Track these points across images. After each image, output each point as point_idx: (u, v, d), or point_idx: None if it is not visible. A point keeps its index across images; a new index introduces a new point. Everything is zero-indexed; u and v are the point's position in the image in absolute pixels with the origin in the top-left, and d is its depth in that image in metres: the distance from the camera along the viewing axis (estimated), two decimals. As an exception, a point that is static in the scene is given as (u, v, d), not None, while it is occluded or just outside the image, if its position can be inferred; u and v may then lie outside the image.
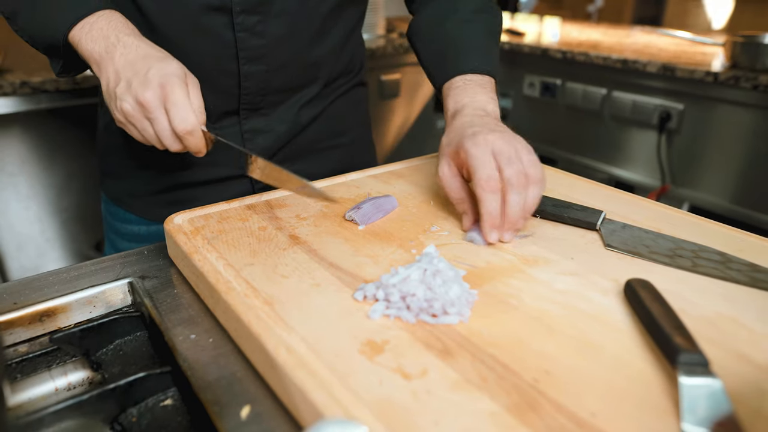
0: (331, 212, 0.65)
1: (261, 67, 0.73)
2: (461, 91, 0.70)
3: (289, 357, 0.41)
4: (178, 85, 0.57)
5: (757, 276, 0.53)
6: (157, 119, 0.57)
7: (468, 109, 0.67)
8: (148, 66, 0.58)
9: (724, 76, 1.51)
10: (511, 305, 0.48)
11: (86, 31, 0.60)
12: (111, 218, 0.87)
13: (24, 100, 1.39)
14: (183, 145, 0.59)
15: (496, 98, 0.71)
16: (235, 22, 0.69)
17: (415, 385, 0.39)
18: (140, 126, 0.58)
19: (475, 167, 0.58)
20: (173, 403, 0.46)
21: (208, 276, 0.51)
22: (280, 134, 0.79)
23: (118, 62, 0.58)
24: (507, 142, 0.59)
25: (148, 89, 0.56)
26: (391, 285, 0.47)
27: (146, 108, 0.57)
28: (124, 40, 0.60)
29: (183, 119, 0.57)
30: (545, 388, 0.39)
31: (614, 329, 0.45)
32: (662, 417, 0.37)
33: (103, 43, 0.60)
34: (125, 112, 0.58)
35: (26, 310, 0.53)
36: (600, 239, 0.60)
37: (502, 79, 2.21)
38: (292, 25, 0.73)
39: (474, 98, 0.69)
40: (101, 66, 0.60)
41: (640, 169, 1.81)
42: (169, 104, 0.57)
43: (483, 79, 0.72)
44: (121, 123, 0.60)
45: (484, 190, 0.57)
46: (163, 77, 0.57)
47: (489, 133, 0.60)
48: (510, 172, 0.57)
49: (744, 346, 0.43)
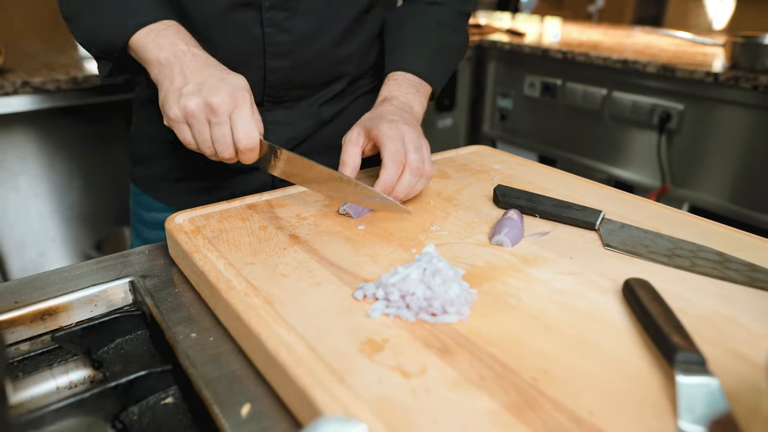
0: (331, 212, 0.65)
1: (286, 62, 0.75)
2: (397, 85, 0.76)
3: (288, 355, 0.41)
4: (248, 100, 0.60)
5: (755, 276, 0.53)
6: (221, 125, 0.59)
7: (396, 101, 0.73)
8: (219, 75, 0.60)
9: (724, 77, 1.51)
10: (510, 304, 0.48)
11: (153, 37, 0.62)
12: (138, 208, 0.89)
13: (25, 100, 1.40)
14: (236, 156, 0.61)
15: (424, 102, 0.78)
16: (263, 18, 0.71)
17: (414, 384, 0.39)
18: (198, 128, 0.60)
19: (386, 143, 0.64)
20: (174, 401, 0.46)
21: (209, 275, 0.51)
22: (301, 128, 0.82)
23: (188, 66, 0.61)
24: (417, 137, 0.66)
25: (218, 95, 0.58)
26: (391, 284, 0.48)
27: (215, 111, 0.58)
28: (193, 51, 0.62)
29: (248, 134, 0.59)
30: (544, 387, 0.39)
31: (612, 328, 0.45)
32: (660, 415, 0.37)
33: (171, 50, 0.62)
34: (188, 110, 0.59)
35: (28, 309, 0.53)
36: (599, 239, 0.60)
37: (502, 80, 2.22)
38: (318, 23, 0.75)
39: (406, 95, 0.75)
40: (167, 68, 0.61)
41: (640, 170, 1.81)
42: (237, 116, 0.59)
43: (420, 83, 0.78)
44: (176, 122, 0.60)
45: (392, 159, 0.63)
46: (235, 89, 0.59)
47: (404, 125, 0.66)
48: (413, 157, 0.64)
49: (741, 346, 0.44)
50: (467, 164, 0.82)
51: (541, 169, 0.81)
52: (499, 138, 2.30)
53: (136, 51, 0.64)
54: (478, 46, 2.26)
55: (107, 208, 1.76)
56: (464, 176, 0.78)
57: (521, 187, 0.70)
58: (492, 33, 2.35)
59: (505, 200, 0.66)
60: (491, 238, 0.59)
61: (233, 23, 0.71)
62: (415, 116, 0.73)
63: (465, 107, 2.39)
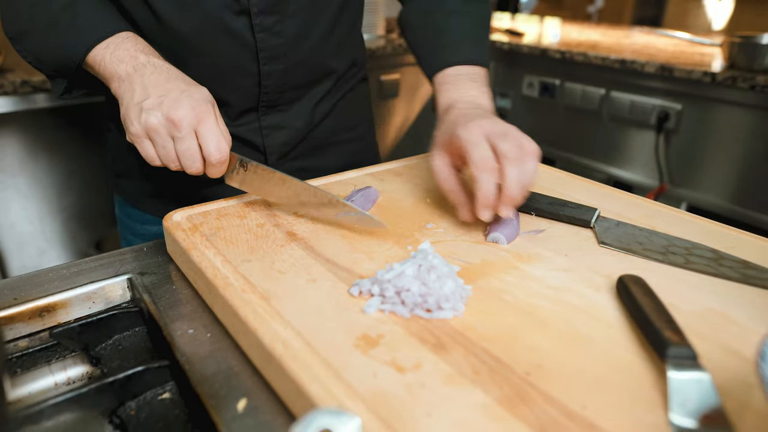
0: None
1: (280, 66, 0.75)
2: (452, 87, 0.71)
3: (285, 351, 0.41)
4: (212, 112, 0.59)
5: (748, 273, 0.53)
6: (185, 139, 0.58)
7: (460, 104, 0.67)
8: (180, 88, 0.59)
9: (722, 77, 1.51)
10: (505, 300, 0.49)
11: (110, 51, 0.61)
12: (128, 220, 0.87)
13: (24, 100, 1.40)
14: (204, 169, 0.60)
15: (487, 91, 0.71)
16: (253, 24, 0.70)
17: (409, 378, 0.39)
18: (161, 143, 0.59)
19: (468, 150, 0.57)
20: (171, 396, 0.47)
21: (206, 272, 0.52)
22: (296, 130, 0.81)
23: (148, 79, 0.59)
24: (498, 124, 0.59)
25: (180, 109, 0.57)
26: (387, 280, 0.48)
27: (177, 126, 0.57)
28: (153, 62, 0.61)
29: (218, 148, 0.58)
30: (537, 381, 0.39)
31: (605, 324, 0.46)
32: (651, 409, 0.37)
33: (131, 63, 0.61)
34: (149, 126, 0.57)
35: (26, 306, 0.54)
36: (594, 236, 0.61)
37: (501, 80, 2.22)
38: (306, 23, 0.74)
39: (466, 93, 0.69)
40: (126, 82, 0.60)
41: (638, 169, 1.82)
42: (203, 129, 0.58)
43: (474, 71, 0.72)
44: (137, 137, 0.59)
45: (480, 169, 0.56)
46: (198, 101, 0.58)
47: (480, 119, 0.60)
48: (505, 146, 0.56)
49: (733, 341, 0.44)
50: (464, 163, 0.83)
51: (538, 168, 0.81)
52: (498, 138, 2.31)
53: (93, 66, 0.63)
54: (477, 46, 2.26)
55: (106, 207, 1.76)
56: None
57: (517, 186, 0.71)
58: (491, 33, 2.35)
59: (502, 198, 0.67)
60: (487, 236, 0.59)
61: (222, 31, 0.70)
62: (485, 109, 0.67)
63: (464, 107, 2.38)
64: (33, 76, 1.38)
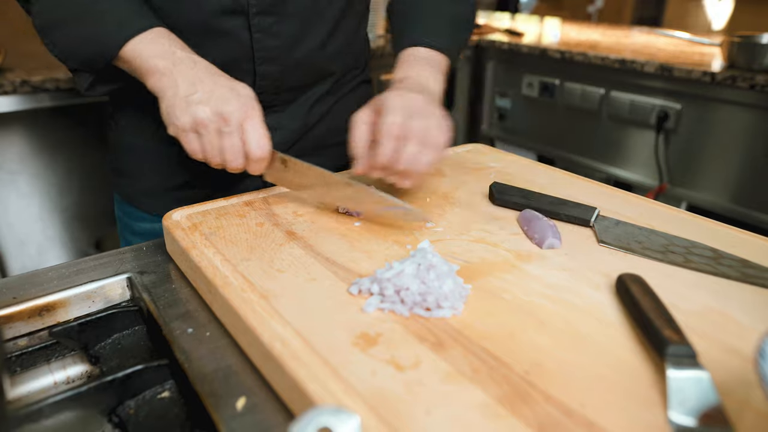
0: (327, 209, 0.66)
1: (276, 67, 0.74)
2: (407, 65, 0.73)
3: (283, 349, 0.41)
4: (258, 109, 0.60)
5: (748, 272, 0.53)
6: (232, 134, 0.59)
7: (408, 80, 0.69)
8: (227, 84, 0.60)
9: (721, 76, 1.51)
10: (504, 299, 0.49)
11: (146, 46, 0.61)
12: (126, 218, 0.88)
13: (24, 99, 1.40)
14: (246, 166, 0.61)
15: (440, 78, 0.72)
16: (251, 24, 0.70)
17: (408, 377, 0.39)
18: (207, 137, 0.60)
19: (383, 112, 0.60)
20: (170, 395, 0.47)
21: (206, 271, 0.52)
22: (291, 131, 0.81)
23: (192, 74, 0.60)
24: (425, 104, 0.61)
25: (229, 104, 0.58)
26: (386, 279, 0.48)
27: (226, 121, 0.58)
28: (193, 57, 0.62)
29: (260, 145, 0.60)
30: (536, 380, 0.39)
31: (605, 323, 0.46)
32: (650, 408, 0.37)
33: (169, 57, 0.61)
34: (197, 120, 0.58)
35: (26, 305, 0.54)
36: (594, 235, 0.61)
37: (500, 79, 2.22)
38: (305, 25, 0.74)
39: (419, 73, 0.71)
40: (167, 76, 0.60)
41: (638, 169, 1.82)
42: (249, 126, 0.59)
43: (432, 56, 0.73)
44: (183, 131, 0.60)
45: (383, 132, 0.59)
46: (245, 98, 0.60)
47: (413, 94, 0.62)
48: (415, 124, 0.59)
49: (732, 339, 0.44)
50: (463, 162, 0.83)
51: (537, 167, 0.81)
52: (498, 137, 2.31)
53: (129, 61, 0.63)
54: (477, 46, 2.26)
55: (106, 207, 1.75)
56: (460, 174, 0.78)
57: (517, 185, 0.71)
58: (491, 33, 2.35)
59: (501, 197, 0.67)
60: (542, 244, 0.57)
61: (220, 30, 0.70)
62: (431, 93, 0.69)
63: (464, 107, 2.39)
64: (33, 75, 1.38)
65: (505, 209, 0.67)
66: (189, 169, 0.80)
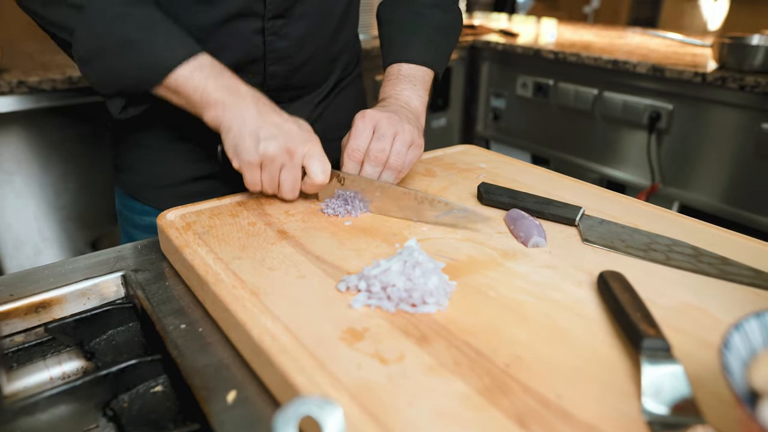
0: (319, 209, 0.67)
1: (285, 66, 0.77)
2: (390, 84, 0.75)
3: (272, 344, 0.43)
4: (319, 142, 0.64)
5: (726, 269, 0.55)
6: (293, 168, 0.63)
7: (390, 99, 0.72)
8: (291, 119, 0.64)
9: (712, 77, 1.53)
10: (488, 296, 0.50)
11: (196, 75, 0.62)
12: (128, 212, 0.89)
13: (21, 100, 1.41)
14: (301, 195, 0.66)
15: (423, 95, 0.75)
16: (265, 27, 0.72)
17: (392, 370, 0.41)
18: (271, 170, 0.62)
19: (351, 135, 0.66)
20: (163, 389, 0.48)
21: (198, 269, 0.53)
22: None
23: (256, 108, 0.62)
24: (391, 124, 0.66)
25: (295, 139, 0.62)
26: (373, 276, 0.49)
27: (292, 156, 0.62)
28: (253, 92, 0.64)
29: (323, 170, 0.63)
30: (515, 372, 0.41)
31: (585, 318, 0.47)
32: (625, 399, 0.39)
33: (224, 90, 0.62)
34: (267, 155, 0.61)
35: (23, 302, 0.55)
36: (578, 234, 0.62)
37: (495, 80, 2.24)
38: (310, 26, 0.76)
39: (400, 92, 0.74)
40: (231, 110, 0.62)
41: (630, 169, 1.83)
42: (312, 155, 0.63)
43: (415, 73, 0.76)
44: (250, 164, 0.62)
45: (348, 156, 0.66)
46: (309, 132, 0.64)
47: (384, 112, 0.66)
48: (375, 146, 0.64)
49: (707, 334, 0.45)
50: (454, 163, 0.84)
51: (526, 168, 0.83)
52: (493, 138, 2.32)
53: (175, 89, 0.63)
54: (472, 47, 2.28)
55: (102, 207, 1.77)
56: (450, 174, 0.79)
57: (505, 185, 0.72)
58: (486, 34, 2.37)
59: (489, 197, 0.68)
60: (527, 243, 0.59)
61: (232, 32, 0.71)
62: (412, 111, 0.72)
63: (459, 107, 2.40)
64: (29, 76, 1.39)
65: (493, 209, 0.68)
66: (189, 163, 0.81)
